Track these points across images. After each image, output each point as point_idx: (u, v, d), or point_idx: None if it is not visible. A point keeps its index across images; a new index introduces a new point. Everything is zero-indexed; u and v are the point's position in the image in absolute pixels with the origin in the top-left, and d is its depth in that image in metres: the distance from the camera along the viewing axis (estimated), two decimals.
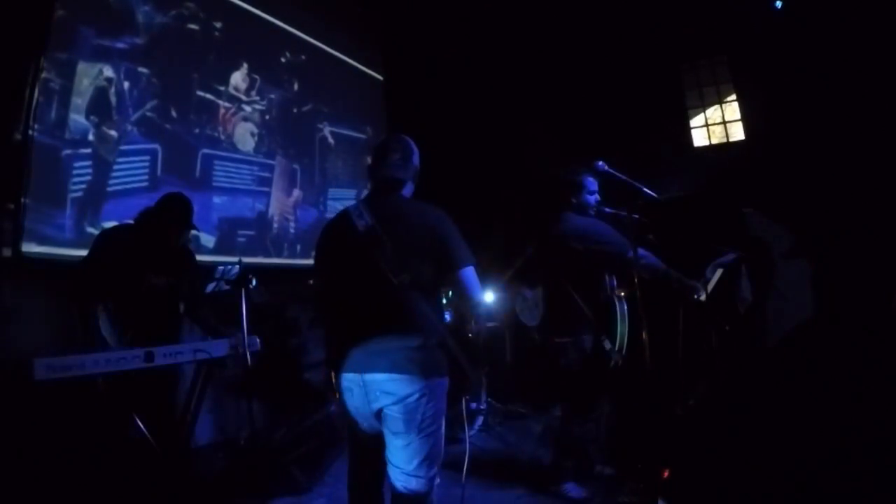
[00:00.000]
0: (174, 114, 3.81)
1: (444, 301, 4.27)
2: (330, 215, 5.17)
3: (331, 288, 1.97)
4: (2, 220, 2.87)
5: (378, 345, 1.79)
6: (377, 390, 1.79)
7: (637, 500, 2.74)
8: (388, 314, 1.80)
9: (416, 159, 2.04)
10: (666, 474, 2.41)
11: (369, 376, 1.79)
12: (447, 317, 2.39)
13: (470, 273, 1.83)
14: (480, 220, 5.92)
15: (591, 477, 2.97)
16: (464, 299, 1.88)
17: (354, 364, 1.82)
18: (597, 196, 2.97)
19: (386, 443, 1.84)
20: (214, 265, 3.68)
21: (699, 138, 5.96)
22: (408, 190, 2.01)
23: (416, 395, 1.77)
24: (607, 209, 2.94)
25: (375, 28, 6.07)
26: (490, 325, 4.97)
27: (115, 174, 3.41)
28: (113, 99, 3.42)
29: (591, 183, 2.96)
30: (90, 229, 3.22)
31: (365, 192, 2.20)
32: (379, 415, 1.82)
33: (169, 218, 2.72)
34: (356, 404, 1.86)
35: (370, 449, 1.89)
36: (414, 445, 1.81)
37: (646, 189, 2.91)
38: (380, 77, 6.04)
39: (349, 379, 1.84)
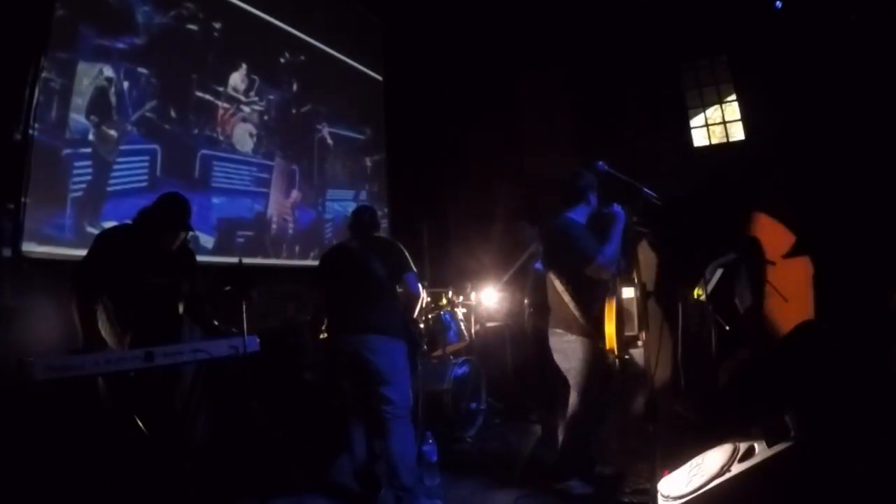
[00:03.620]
0: (173, 114, 3.81)
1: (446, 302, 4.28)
2: (328, 216, 5.23)
3: (335, 283, 2.97)
4: (2, 220, 2.86)
5: (369, 317, 2.78)
6: (368, 347, 2.73)
7: (637, 500, 2.74)
8: (374, 294, 2.84)
9: (378, 220, 3.20)
10: (666, 474, 2.41)
11: (364, 337, 2.75)
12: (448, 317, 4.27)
13: (412, 275, 2.96)
14: (480, 220, 5.93)
15: (592, 477, 2.97)
16: (407, 292, 2.97)
17: (352, 330, 2.79)
18: (596, 197, 2.97)
19: (373, 389, 2.74)
20: (214, 265, 3.69)
21: (699, 138, 5.96)
22: (376, 232, 3.14)
23: (388, 350, 2.75)
24: (605, 210, 2.93)
25: (375, 28, 6.07)
26: (492, 323, 4.98)
27: (114, 174, 3.41)
28: (113, 99, 3.42)
29: (591, 185, 2.96)
30: (90, 229, 3.22)
31: (349, 235, 3.12)
32: (367, 366, 2.73)
33: (166, 218, 2.71)
34: (351, 359, 2.78)
35: (358, 394, 2.86)
36: (390, 388, 2.72)
37: (646, 189, 2.91)
38: (379, 77, 6.04)
39: (348, 341, 2.79)
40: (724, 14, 5.28)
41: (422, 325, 4.07)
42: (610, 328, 2.71)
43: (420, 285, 3.01)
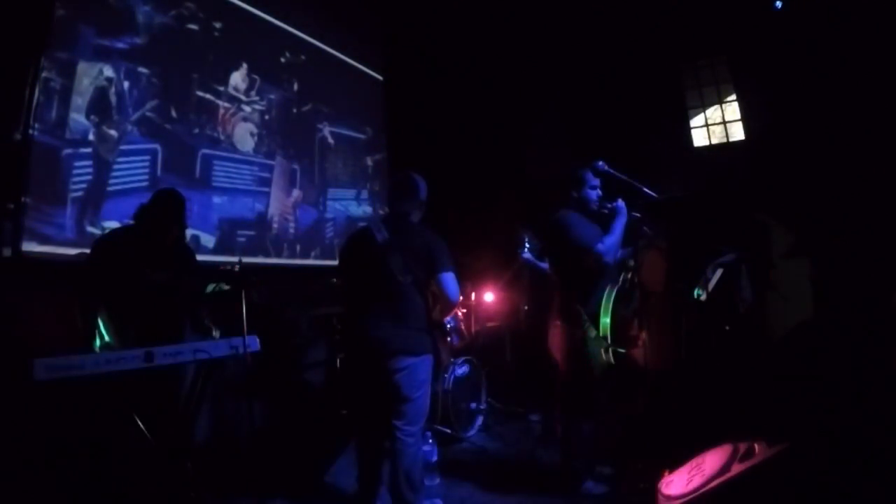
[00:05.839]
0: (174, 114, 3.81)
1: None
2: (329, 215, 5.22)
3: (353, 283, 2.63)
4: (2, 220, 2.86)
5: (387, 327, 2.46)
6: (391, 368, 2.44)
7: (637, 500, 2.74)
8: (395, 304, 2.47)
9: (422, 194, 2.67)
10: (666, 474, 2.41)
11: (388, 361, 2.44)
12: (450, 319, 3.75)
13: (448, 276, 2.51)
14: (480, 220, 5.93)
15: (592, 477, 2.97)
16: (441, 295, 2.54)
17: (375, 350, 2.46)
18: (598, 192, 2.98)
19: (389, 403, 2.49)
20: (214, 265, 3.68)
21: (699, 138, 5.96)
22: (415, 216, 2.66)
23: (412, 367, 2.45)
24: (608, 205, 2.94)
25: (375, 28, 6.07)
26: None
27: (115, 174, 3.41)
28: (113, 99, 3.41)
29: (592, 178, 2.97)
30: (90, 229, 3.22)
31: (383, 213, 2.84)
32: (384, 381, 2.46)
33: (160, 212, 2.74)
34: (367, 372, 2.51)
35: (372, 409, 2.58)
36: (408, 405, 2.47)
37: (646, 189, 2.92)
38: (380, 77, 6.04)
39: (365, 354, 2.50)
40: (724, 14, 5.27)
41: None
42: (605, 318, 2.71)
43: (458, 288, 2.58)
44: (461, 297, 2.65)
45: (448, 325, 4.14)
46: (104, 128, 3.36)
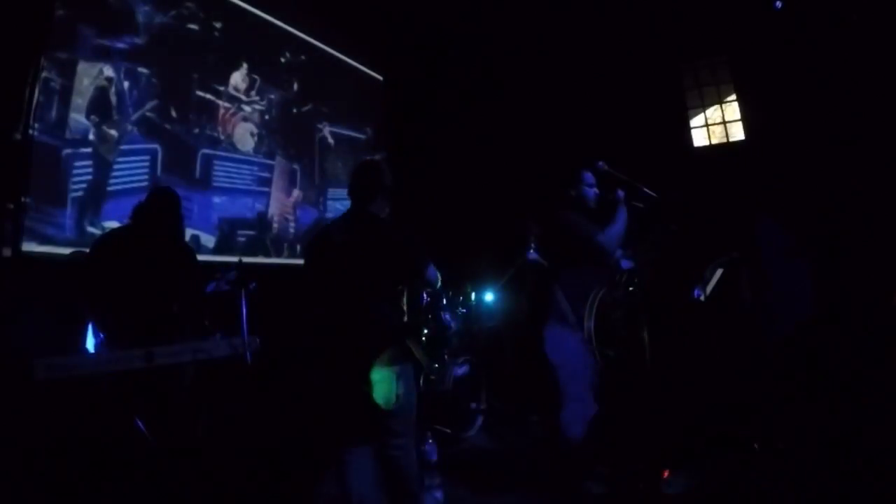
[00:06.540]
0: (174, 114, 3.81)
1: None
2: (330, 215, 5.22)
3: (316, 290, 2.39)
4: (2, 220, 2.86)
5: (353, 340, 2.23)
6: (359, 380, 2.23)
7: (638, 500, 2.74)
8: (359, 315, 2.23)
9: (386, 180, 2.41)
10: (666, 474, 2.41)
11: (351, 367, 2.24)
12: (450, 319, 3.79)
13: (431, 270, 2.35)
14: (479, 220, 5.93)
15: (592, 477, 2.97)
16: (427, 284, 2.46)
17: (344, 366, 2.27)
18: (595, 190, 2.98)
19: (373, 421, 2.26)
20: (215, 265, 3.69)
21: (699, 138, 5.96)
22: (378, 207, 2.39)
23: (389, 379, 2.22)
24: (608, 196, 2.94)
25: (375, 28, 6.07)
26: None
27: (115, 174, 3.41)
28: (113, 99, 3.42)
29: (589, 177, 2.98)
30: (90, 229, 3.22)
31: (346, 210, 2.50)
32: (362, 397, 2.23)
33: (155, 211, 2.75)
34: (342, 389, 2.30)
35: (354, 425, 2.33)
36: (393, 419, 2.25)
37: (646, 189, 2.92)
38: (380, 77, 6.04)
39: (335, 369, 2.30)
40: (724, 14, 5.27)
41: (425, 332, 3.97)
42: (588, 322, 2.71)
43: (438, 275, 2.44)
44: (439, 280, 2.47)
45: (450, 326, 4.15)
46: (104, 128, 3.36)
